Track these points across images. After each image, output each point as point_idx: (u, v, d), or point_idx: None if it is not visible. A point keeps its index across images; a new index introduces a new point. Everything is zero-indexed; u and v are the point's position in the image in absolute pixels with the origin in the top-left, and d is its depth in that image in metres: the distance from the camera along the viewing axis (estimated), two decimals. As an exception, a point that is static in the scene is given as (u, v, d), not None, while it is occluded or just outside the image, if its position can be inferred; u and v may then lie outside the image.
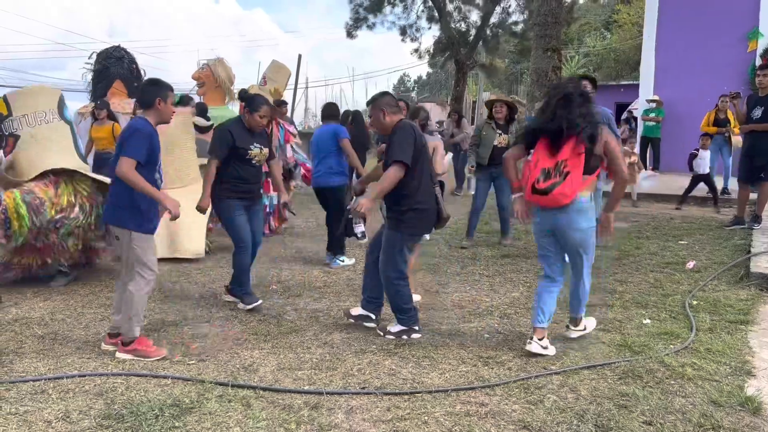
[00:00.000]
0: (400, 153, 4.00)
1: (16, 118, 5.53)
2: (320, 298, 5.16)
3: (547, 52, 8.70)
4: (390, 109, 4.19)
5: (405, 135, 4.06)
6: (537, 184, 3.69)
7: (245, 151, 4.78)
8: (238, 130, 4.81)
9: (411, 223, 4.13)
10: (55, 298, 5.09)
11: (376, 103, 4.22)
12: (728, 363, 3.68)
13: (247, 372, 3.60)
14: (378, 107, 4.19)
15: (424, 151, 4.13)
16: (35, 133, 5.55)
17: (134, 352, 3.83)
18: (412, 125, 4.16)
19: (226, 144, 4.72)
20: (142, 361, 3.76)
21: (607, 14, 41.84)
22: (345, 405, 3.19)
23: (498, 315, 4.70)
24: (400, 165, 3.99)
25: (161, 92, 3.87)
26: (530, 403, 3.21)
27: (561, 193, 3.63)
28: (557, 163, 3.66)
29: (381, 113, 4.18)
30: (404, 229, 4.14)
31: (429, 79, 62.72)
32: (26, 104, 5.59)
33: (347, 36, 21.82)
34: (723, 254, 6.46)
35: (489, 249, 7.08)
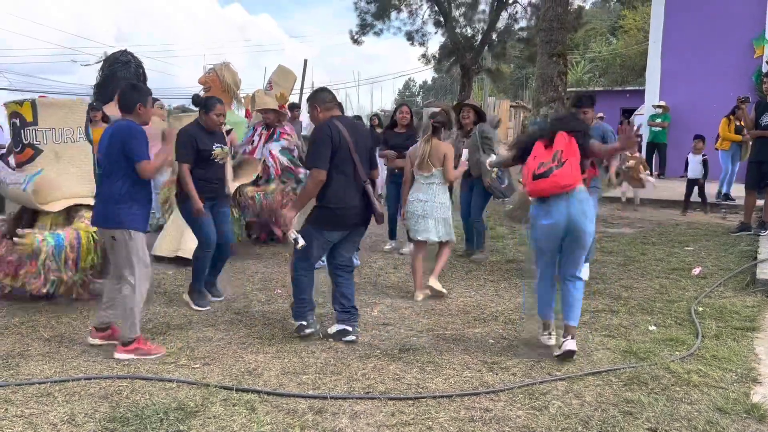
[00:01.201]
0: (313, 158, 4.09)
1: (42, 130, 5.14)
2: (324, 303, 5.14)
3: (552, 57, 8.69)
4: (323, 105, 4.24)
5: (319, 137, 4.10)
6: (536, 171, 3.84)
7: (208, 152, 4.97)
8: (198, 133, 5.00)
9: (322, 218, 4.18)
10: (61, 302, 5.11)
11: (312, 100, 4.30)
12: (734, 370, 3.66)
13: (251, 376, 3.60)
14: (313, 103, 4.27)
15: (344, 150, 4.11)
16: (60, 151, 5.20)
17: (135, 352, 3.88)
18: (330, 125, 4.13)
19: (192, 147, 4.87)
20: (146, 364, 3.77)
21: (612, 20, 41.83)
22: (349, 410, 3.19)
23: (503, 320, 4.70)
24: (315, 171, 4.08)
25: (141, 97, 3.95)
26: (535, 409, 3.20)
27: (561, 175, 3.75)
28: (554, 153, 3.84)
29: (315, 110, 4.25)
30: (316, 223, 4.19)
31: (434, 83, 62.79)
32: (56, 117, 5.21)
33: (353, 42, 21.86)
34: (729, 260, 6.44)
35: (494, 254, 7.07)
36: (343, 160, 4.12)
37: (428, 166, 5.30)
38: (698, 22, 13.83)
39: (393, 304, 5.14)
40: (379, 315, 4.84)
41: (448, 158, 5.28)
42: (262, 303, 5.16)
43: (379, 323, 4.62)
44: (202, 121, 5.05)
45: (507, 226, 8.75)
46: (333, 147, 4.08)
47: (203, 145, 4.94)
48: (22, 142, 5.15)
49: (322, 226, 4.19)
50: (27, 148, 5.14)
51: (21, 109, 5.12)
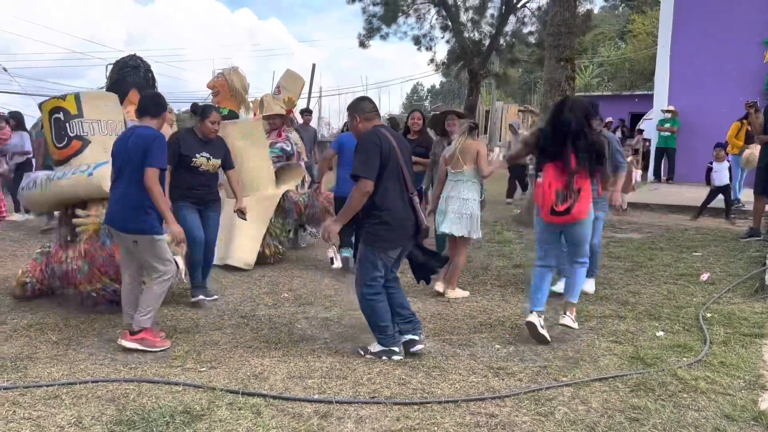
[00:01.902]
0: (361, 167, 3.83)
1: (89, 122, 5.07)
2: (331, 307, 5.17)
3: (560, 62, 8.67)
4: (363, 115, 4.05)
5: (367, 146, 3.86)
6: (556, 207, 4.10)
7: (189, 159, 5.02)
8: (187, 138, 5.08)
9: (381, 236, 3.91)
10: (69, 305, 5.14)
11: (352, 109, 4.11)
12: (742, 377, 3.64)
13: (257, 380, 3.61)
14: (353, 113, 4.09)
15: (393, 160, 3.89)
16: (107, 143, 4.87)
17: (141, 342, 4.00)
18: (377, 133, 3.91)
19: (173, 151, 4.86)
20: (153, 367, 3.79)
21: (621, 24, 41.72)
22: (355, 414, 3.19)
23: (509, 325, 4.69)
24: (363, 181, 3.81)
25: (166, 104, 4.22)
26: (541, 415, 3.19)
27: (579, 211, 4.10)
28: (568, 183, 4.06)
29: (354, 119, 4.07)
30: (377, 244, 3.91)
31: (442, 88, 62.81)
32: (100, 109, 5.15)
33: (360, 46, 21.89)
34: (738, 266, 6.40)
35: (501, 259, 7.06)
36: (393, 170, 3.90)
37: (459, 163, 5.49)
38: (707, 27, 13.77)
39: (399, 308, 5.13)
40: (385, 319, 4.83)
41: (482, 155, 5.47)
42: (268, 307, 5.17)
43: (385, 328, 4.61)
44: (197, 127, 5.16)
45: (514, 231, 8.74)
46: (383, 157, 3.85)
47: (186, 151, 5.01)
48: (68, 135, 5.06)
49: (383, 244, 3.92)
50: (74, 141, 5.06)
51: (64, 102, 5.06)
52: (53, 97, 5.20)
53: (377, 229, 3.90)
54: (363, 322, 4.70)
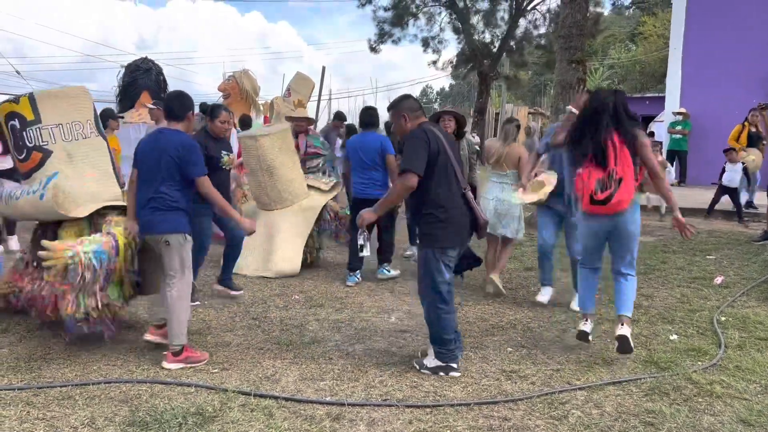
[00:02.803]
0: (407, 161, 3.69)
1: (47, 128, 4.32)
2: (342, 309, 5.16)
3: (571, 64, 8.64)
4: (411, 113, 3.90)
5: (415, 142, 3.72)
6: (595, 196, 3.91)
7: (217, 159, 5.08)
8: (207, 140, 5.13)
9: (438, 236, 3.74)
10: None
11: (397, 108, 3.93)
12: (758, 381, 3.60)
13: (269, 382, 3.61)
14: (399, 112, 3.91)
15: (442, 156, 3.75)
16: (72, 150, 4.39)
17: (186, 360, 3.85)
18: (425, 130, 3.77)
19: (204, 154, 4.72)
20: (165, 369, 3.79)
21: (632, 26, 41.56)
22: (367, 417, 3.18)
23: (521, 328, 4.66)
24: (408, 174, 3.67)
25: (192, 105, 4.15)
26: (554, 418, 3.17)
27: (619, 201, 3.85)
28: (609, 173, 3.88)
29: (402, 118, 3.90)
30: (434, 244, 3.74)
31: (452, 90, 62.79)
32: (60, 110, 4.39)
33: (371, 51, 21.94)
34: (752, 269, 6.34)
35: (512, 262, 7.03)
36: (444, 167, 3.76)
37: (503, 167, 5.67)
38: (719, 29, 13.67)
39: (411, 311, 5.12)
40: (396, 322, 4.83)
41: (524, 160, 5.57)
42: (279, 308, 5.17)
43: (397, 330, 4.61)
44: (209, 128, 5.24)
45: (526, 234, 8.69)
46: (431, 153, 3.71)
47: (211, 152, 5.04)
48: (26, 146, 4.34)
49: (442, 243, 3.74)
50: (33, 152, 4.33)
51: (18, 107, 4.33)
52: (6, 101, 4.48)
53: (434, 227, 3.74)
54: (375, 325, 4.72)
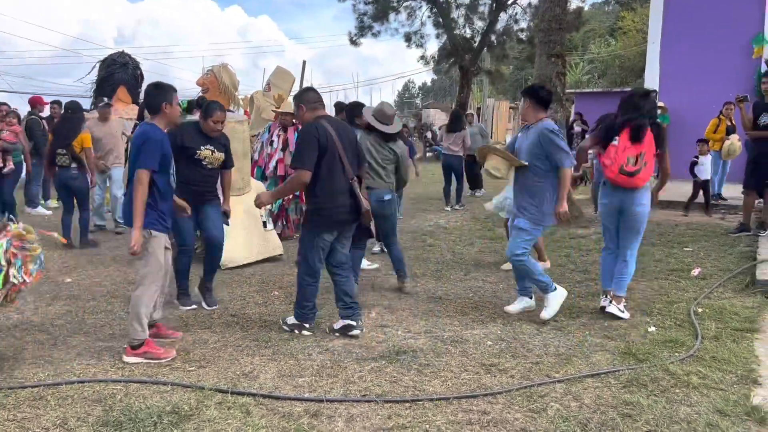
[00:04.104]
0: (299, 159, 4.14)
1: None
2: (322, 305, 5.10)
3: (551, 57, 8.65)
4: (309, 105, 4.31)
5: (307, 138, 4.15)
6: (626, 167, 4.46)
7: (193, 151, 4.79)
8: (190, 131, 4.86)
9: (318, 221, 4.26)
10: (56, 304, 5.08)
11: (298, 98, 4.40)
12: (734, 371, 3.63)
13: (247, 379, 3.57)
14: (298, 102, 4.36)
15: (331, 151, 4.17)
16: None
17: (144, 355, 3.84)
18: (317, 126, 4.18)
19: (172, 144, 4.49)
20: (141, 367, 3.73)
21: (611, 21, 41.89)
22: (345, 413, 3.15)
23: (501, 322, 4.66)
24: (301, 171, 4.12)
25: (167, 96, 3.92)
26: (533, 411, 3.17)
27: (640, 178, 4.48)
28: (640, 153, 4.45)
29: (300, 109, 4.33)
30: (312, 227, 4.28)
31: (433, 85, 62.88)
32: None
33: (351, 44, 21.89)
34: (728, 261, 6.41)
35: (492, 255, 7.04)
36: (331, 160, 4.18)
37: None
38: (697, 23, 13.80)
39: (391, 305, 5.10)
40: (376, 317, 4.80)
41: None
42: (258, 305, 5.12)
43: (377, 325, 4.58)
44: (201, 124, 4.91)
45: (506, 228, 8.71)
46: (321, 148, 4.13)
47: (190, 143, 4.77)
48: None
49: (318, 228, 4.26)
50: None
51: None
52: None
53: (316, 214, 4.27)
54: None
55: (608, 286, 4.83)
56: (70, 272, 6.21)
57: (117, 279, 5.95)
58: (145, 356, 3.83)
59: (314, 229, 4.27)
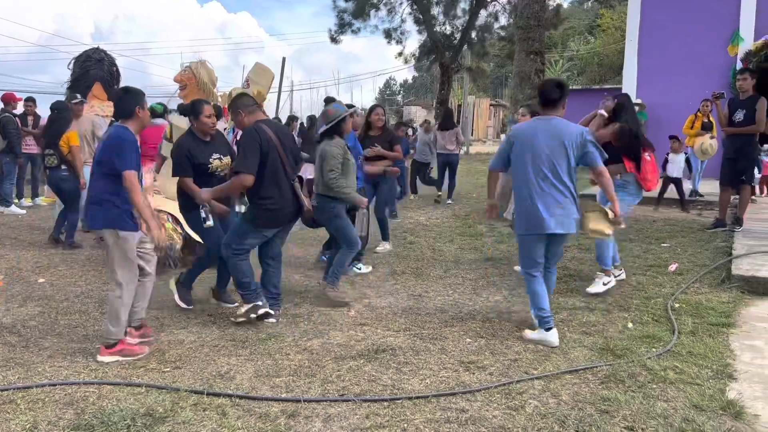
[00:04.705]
0: (242, 163, 4.27)
1: None
2: (301, 303, 5.08)
3: (530, 55, 8.69)
4: (246, 109, 4.45)
5: (249, 143, 4.28)
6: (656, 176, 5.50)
7: (205, 166, 4.70)
8: (193, 144, 4.71)
9: (261, 219, 4.43)
10: (28, 305, 4.97)
11: (235, 105, 4.48)
12: (710, 366, 3.66)
13: (223, 379, 3.52)
14: (236, 109, 4.46)
15: (272, 153, 4.33)
16: None
17: (120, 353, 3.81)
18: (258, 130, 4.32)
19: (186, 162, 4.65)
20: (114, 368, 3.66)
21: (590, 18, 42.22)
22: (323, 413, 3.12)
23: (480, 319, 4.66)
24: (243, 176, 4.25)
25: (139, 100, 3.94)
26: (511, 408, 3.16)
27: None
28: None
29: (239, 115, 4.44)
30: (254, 222, 4.44)
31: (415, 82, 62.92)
32: None
33: (331, 41, 21.81)
34: (705, 257, 6.48)
35: (472, 252, 7.05)
36: (273, 161, 4.35)
37: None
38: (674, 21, 13.95)
39: (371, 303, 5.08)
40: (356, 315, 4.77)
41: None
42: (236, 304, 5.04)
43: (356, 324, 4.55)
44: (194, 128, 4.75)
45: (486, 225, 8.74)
46: (262, 151, 4.28)
47: (198, 159, 4.66)
48: None
49: (260, 224, 4.46)
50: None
51: None
52: None
53: (259, 213, 4.42)
54: (333, 318, 4.65)
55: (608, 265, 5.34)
56: (43, 272, 6.08)
57: (91, 279, 5.85)
58: (121, 354, 3.80)
59: (256, 225, 4.45)
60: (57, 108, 7.69)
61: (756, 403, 3.21)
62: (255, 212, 4.46)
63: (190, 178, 4.67)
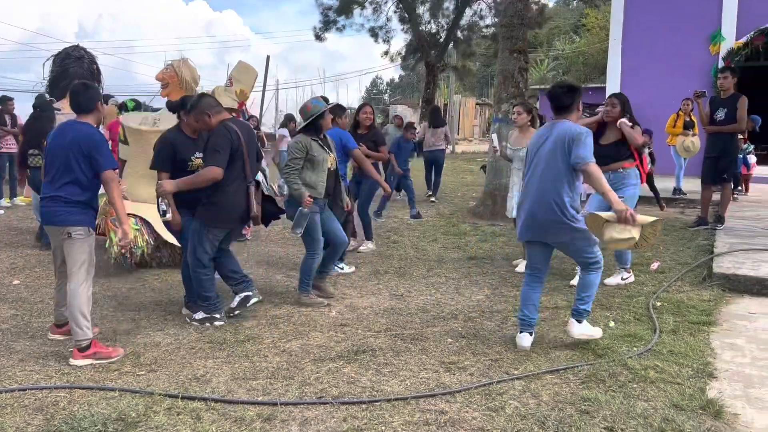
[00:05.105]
0: (213, 158, 4.23)
1: None
2: (281, 304, 5.01)
3: (513, 53, 8.66)
4: (213, 110, 4.38)
5: (220, 139, 4.25)
6: None
7: (185, 163, 4.65)
8: (180, 139, 4.68)
9: (214, 218, 4.38)
10: (1, 307, 4.86)
11: (199, 108, 4.38)
12: (690, 365, 3.65)
13: (199, 383, 3.45)
14: (202, 110, 4.36)
15: (239, 152, 4.32)
16: None
17: (94, 356, 3.73)
18: (228, 128, 4.30)
19: (167, 156, 4.62)
20: (87, 372, 3.58)
21: (575, 18, 42.39)
22: (300, 416, 3.06)
23: (462, 318, 4.62)
24: (213, 168, 4.21)
25: (99, 94, 3.93)
26: (491, 410, 3.13)
27: None
28: None
29: (206, 116, 4.35)
30: (207, 220, 4.38)
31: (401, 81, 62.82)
32: None
33: (316, 39, 21.73)
34: (687, 255, 6.49)
35: (455, 251, 7.02)
36: (238, 161, 4.33)
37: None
38: (657, 21, 14.03)
39: (352, 304, 5.02)
40: (337, 316, 4.72)
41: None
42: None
43: (337, 324, 4.50)
44: (183, 125, 4.69)
45: (470, 223, 8.72)
46: (232, 149, 4.27)
47: (182, 155, 4.61)
48: None
49: (214, 224, 4.40)
50: None
51: None
52: None
53: (211, 209, 4.37)
54: (314, 319, 4.60)
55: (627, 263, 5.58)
56: (17, 273, 5.96)
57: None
58: (95, 357, 3.72)
59: (209, 224, 4.38)
60: (39, 105, 7.53)
61: (736, 402, 3.20)
62: (207, 209, 4.38)
63: (167, 174, 4.58)
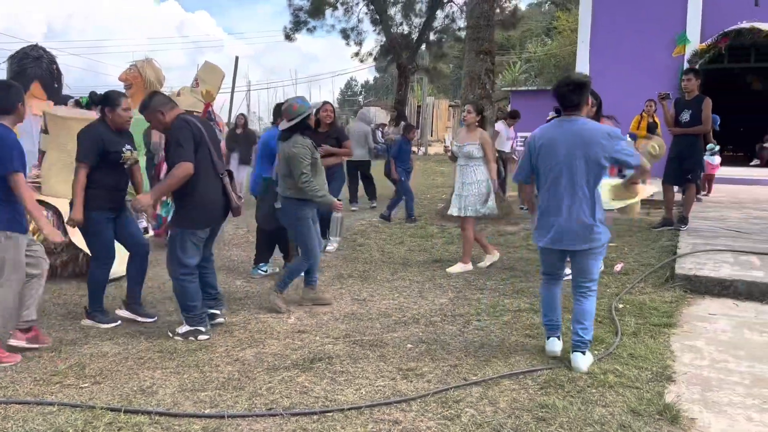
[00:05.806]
0: (179, 153, 4.00)
1: None
2: (238, 311, 4.87)
3: (480, 54, 8.63)
4: (165, 107, 4.17)
5: (182, 133, 4.05)
6: None
7: (118, 155, 4.43)
8: (106, 132, 4.46)
9: (192, 218, 4.16)
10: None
11: (150, 107, 4.16)
12: (650, 368, 3.61)
13: (144, 395, 3.30)
14: (154, 109, 4.15)
15: (203, 144, 4.12)
16: None
17: None
18: (187, 120, 4.13)
19: (97, 148, 4.35)
20: (27, 385, 3.41)
21: (547, 21, 42.81)
22: (247, 429, 2.94)
23: (424, 323, 4.54)
24: (184, 164, 3.99)
25: (20, 95, 3.79)
26: (446, 418, 3.04)
27: None
28: None
29: (159, 114, 4.14)
30: (186, 225, 4.16)
31: (376, 83, 62.83)
32: None
33: (286, 39, 21.58)
34: (650, 256, 6.50)
35: (421, 254, 6.94)
36: (203, 154, 4.12)
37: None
38: (624, 23, 14.19)
39: (312, 309, 4.90)
40: (295, 322, 4.59)
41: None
42: (169, 313, 4.81)
43: (294, 331, 4.38)
44: (109, 119, 4.48)
45: (437, 226, 8.66)
46: (195, 141, 4.07)
47: (112, 148, 4.39)
48: None
49: (194, 225, 4.17)
50: None
51: None
52: None
53: (188, 211, 4.15)
54: (271, 326, 4.47)
55: None
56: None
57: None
58: None
59: (190, 226, 4.16)
60: None
61: (693, 406, 3.16)
62: (185, 212, 4.16)
63: (88, 168, 4.32)
